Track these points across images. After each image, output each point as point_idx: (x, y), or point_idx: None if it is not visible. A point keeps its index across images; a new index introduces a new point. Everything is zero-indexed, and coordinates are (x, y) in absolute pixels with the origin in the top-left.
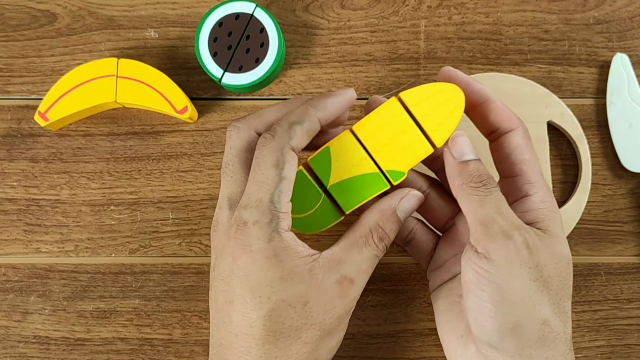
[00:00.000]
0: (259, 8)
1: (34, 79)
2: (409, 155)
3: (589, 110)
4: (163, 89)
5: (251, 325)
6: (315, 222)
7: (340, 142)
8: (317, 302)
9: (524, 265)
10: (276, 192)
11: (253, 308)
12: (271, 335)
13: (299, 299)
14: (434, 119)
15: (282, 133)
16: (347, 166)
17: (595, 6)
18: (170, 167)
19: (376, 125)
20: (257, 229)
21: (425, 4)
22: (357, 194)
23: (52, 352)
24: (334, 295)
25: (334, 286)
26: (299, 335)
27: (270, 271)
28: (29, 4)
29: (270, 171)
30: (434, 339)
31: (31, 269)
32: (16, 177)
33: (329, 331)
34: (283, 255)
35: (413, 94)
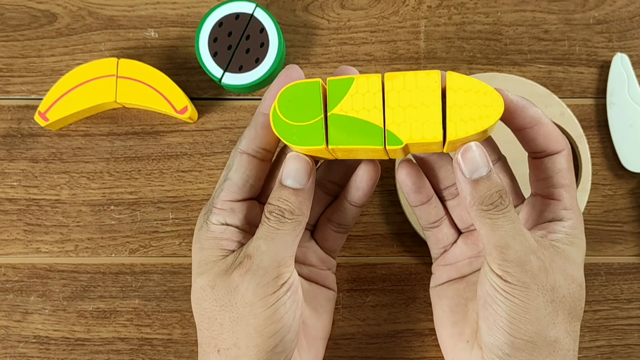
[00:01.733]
0: (259, 8)
1: (34, 79)
2: (417, 130)
3: (589, 110)
4: (163, 89)
5: (196, 303)
6: (299, 135)
7: (366, 81)
8: (222, 284)
9: (541, 289)
10: (218, 189)
11: (195, 289)
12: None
13: (208, 282)
14: (461, 112)
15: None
16: (358, 106)
17: (595, 6)
18: (170, 167)
19: (406, 85)
20: (198, 219)
21: (425, 4)
22: (350, 134)
23: (52, 352)
24: (236, 275)
25: (237, 267)
26: (214, 317)
27: (195, 255)
28: (29, 4)
29: (223, 173)
30: (433, 339)
31: (31, 269)
32: (16, 177)
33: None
34: (205, 243)
35: (459, 79)
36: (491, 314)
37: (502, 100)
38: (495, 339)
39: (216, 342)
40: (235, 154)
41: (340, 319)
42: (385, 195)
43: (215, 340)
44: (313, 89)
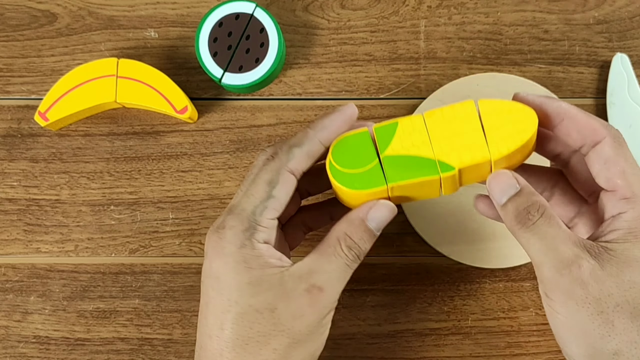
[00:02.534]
0: (259, 8)
1: (34, 79)
2: (464, 155)
3: (589, 110)
4: (163, 89)
5: (222, 328)
6: (359, 182)
7: (410, 122)
8: (285, 309)
9: (580, 302)
10: (261, 205)
11: (222, 310)
12: (240, 339)
13: (266, 305)
14: (499, 133)
15: (281, 155)
16: (407, 144)
17: (595, 6)
18: (170, 167)
19: (446, 118)
20: (231, 234)
21: (425, 4)
22: (406, 171)
23: (52, 352)
24: (303, 303)
25: (303, 294)
26: (267, 341)
27: (238, 275)
28: (29, 4)
29: (261, 187)
30: (433, 339)
31: (31, 269)
32: (16, 177)
33: (299, 339)
34: (253, 262)
35: (490, 104)
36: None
37: (535, 113)
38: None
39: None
40: (281, 171)
41: (341, 319)
42: None
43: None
44: (363, 138)
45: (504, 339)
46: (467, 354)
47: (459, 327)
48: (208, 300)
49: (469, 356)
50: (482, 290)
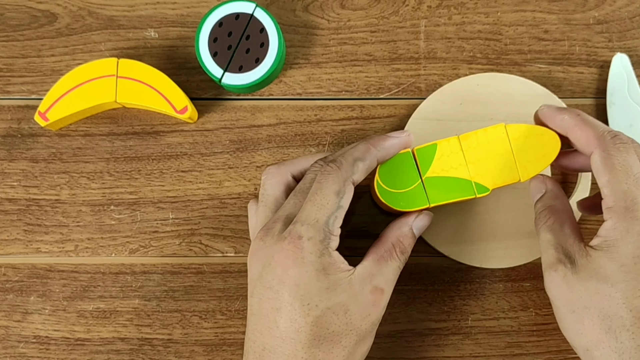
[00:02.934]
0: (259, 8)
1: (34, 79)
2: (497, 177)
3: (589, 110)
4: (163, 89)
5: (299, 331)
6: (405, 201)
7: (448, 144)
8: (355, 310)
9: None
10: (332, 216)
11: (301, 315)
12: (316, 339)
13: (341, 307)
14: (526, 156)
15: (347, 166)
16: (446, 166)
17: (595, 6)
18: (170, 167)
19: (480, 141)
20: (310, 244)
21: (425, 4)
22: (446, 192)
23: (52, 352)
24: (369, 303)
25: (368, 295)
26: (339, 340)
27: (318, 282)
28: (29, 4)
29: (331, 197)
30: (433, 339)
31: (31, 269)
32: (16, 177)
33: (364, 336)
34: (329, 269)
35: (517, 128)
36: None
37: (557, 136)
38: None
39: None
40: (347, 182)
41: None
42: None
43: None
44: (407, 159)
45: (504, 339)
46: (467, 354)
47: (459, 327)
48: (280, 305)
49: (469, 356)
50: (482, 290)
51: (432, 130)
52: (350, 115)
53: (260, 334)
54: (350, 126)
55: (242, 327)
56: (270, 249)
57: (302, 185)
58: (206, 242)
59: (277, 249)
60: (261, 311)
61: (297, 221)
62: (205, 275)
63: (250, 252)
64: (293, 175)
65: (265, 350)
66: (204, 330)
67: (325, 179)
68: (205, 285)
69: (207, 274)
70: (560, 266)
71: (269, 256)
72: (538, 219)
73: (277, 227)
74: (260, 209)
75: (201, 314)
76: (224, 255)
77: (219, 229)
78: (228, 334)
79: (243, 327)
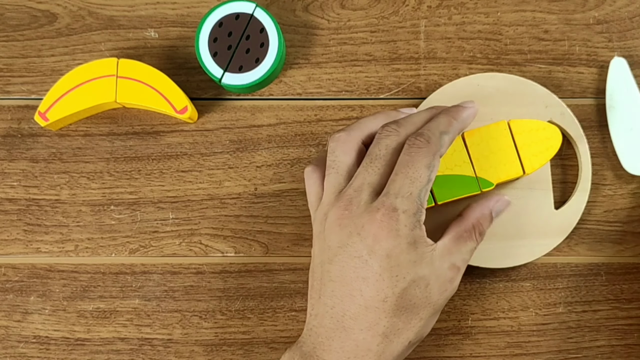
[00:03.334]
0: (259, 8)
1: (34, 79)
2: (501, 171)
3: (589, 111)
4: (163, 89)
5: (384, 301)
6: None
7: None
8: (435, 284)
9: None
10: (423, 189)
11: (389, 285)
12: (398, 310)
13: (423, 281)
14: (530, 150)
15: (435, 140)
16: (450, 164)
17: (595, 6)
18: (170, 167)
19: (483, 137)
20: (405, 217)
21: (425, 4)
22: (452, 189)
23: (52, 352)
24: (446, 279)
25: (447, 272)
26: (418, 312)
27: (409, 255)
28: (29, 4)
29: (423, 171)
30: (433, 339)
31: (31, 269)
32: (16, 177)
33: (438, 310)
34: (419, 242)
35: (520, 124)
36: None
37: (559, 130)
38: None
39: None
40: (436, 155)
41: None
42: None
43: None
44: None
45: (504, 339)
46: (467, 354)
47: (459, 327)
48: (368, 274)
49: (469, 356)
50: (482, 290)
51: None
52: (350, 115)
53: (341, 300)
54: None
55: (242, 327)
56: (359, 219)
57: (377, 152)
58: (206, 242)
59: (368, 219)
60: (344, 278)
61: (389, 193)
62: (205, 275)
63: (330, 220)
64: (363, 140)
65: (345, 317)
66: (204, 330)
67: (417, 152)
68: (205, 285)
69: (207, 274)
70: None
71: (358, 225)
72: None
73: (364, 196)
74: (331, 175)
75: (201, 314)
76: (224, 255)
77: (219, 229)
78: (228, 334)
79: (243, 327)
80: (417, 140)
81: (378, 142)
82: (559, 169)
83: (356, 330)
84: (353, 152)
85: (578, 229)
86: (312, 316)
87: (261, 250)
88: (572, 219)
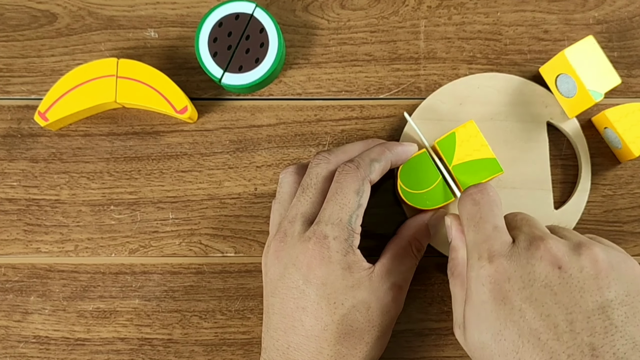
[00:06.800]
0: (259, 8)
1: (34, 79)
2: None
3: (588, 110)
4: (163, 89)
5: (325, 329)
6: (430, 199)
7: (465, 130)
8: (376, 306)
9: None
10: (354, 215)
11: (327, 313)
12: (341, 337)
13: (364, 304)
14: (633, 133)
15: (364, 166)
16: (469, 150)
17: (595, 6)
18: (170, 167)
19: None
20: (336, 243)
21: (425, 4)
22: (475, 175)
23: (52, 352)
24: (389, 300)
25: (388, 292)
26: (362, 336)
27: (344, 280)
28: (29, 4)
29: (351, 196)
30: (433, 339)
31: (31, 269)
32: (16, 177)
33: (385, 331)
34: (354, 267)
35: (615, 111)
36: None
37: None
38: None
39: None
40: (365, 181)
41: None
42: (386, 195)
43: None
44: (424, 159)
45: None
46: (467, 354)
47: None
48: (306, 304)
49: (468, 356)
50: None
51: (432, 130)
52: (350, 115)
53: (284, 333)
54: (350, 126)
55: (242, 327)
56: (293, 249)
57: (308, 181)
58: (206, 242)
59: (301, 249)
60: (285, 310)
61: (320, 221)
62: (205, 275)
63: (269, 254)
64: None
65: (290, 349)
66: (204, 330)
67: (344, 178)
68: (205, 285)
69: (207, 274)
70: (457, 329)
71: (293, 257)
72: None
73: (297, 227)
74: (274, 207)
75: (201, 314)
76: (223, 255)
77: (219, 229)
78: (228, 334)
79: (243, 327)
80: (347, 167)
81: (309, 171)
82: (559, 169)
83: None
84: (296, 184)
85: (578, 229)
86: (263, 350)
87: (261, 250)
88: (572, 219)
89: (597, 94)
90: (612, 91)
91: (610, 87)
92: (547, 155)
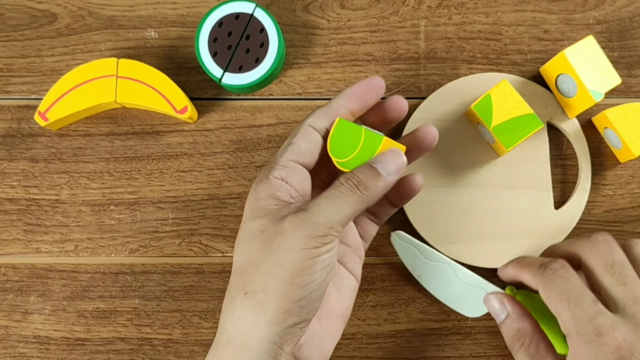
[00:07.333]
0: (259, 8)
1: (34, 79)
2: None
3: (588, 110)
4: (163, 89)
5: (235, 253)
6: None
7: (499, 90)
8: (272, 229)
9: None
10: (281, 152)
11: (237, 238)
12: (241, 263)
13: (258, 226)
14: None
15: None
16: (506, 109)
17: (595, 6)
18: (170, 167)
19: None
20: (258, 176)
21: (425, 4)
22: (516, 132)
23: (52, 352)
24: (286, 224)
25: (290, 217)
26: (257, 265)
27: (250, 205)
28: (29, 4)
29: (286, 141)
30: (433, 339)
31: (31, 269)
32: (16, 177)
33: (284, 264)
34: (262, 193)
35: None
36: None
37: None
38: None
39: (245, 285)
40: (300, 126)
41: None
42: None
43: (245, 283)
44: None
45: (504, 339)
46: (467, 354)
47: (459, 327)
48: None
49: (469, 356)
50: None
51: None
52: None
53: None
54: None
55: None
56: None
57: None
58: (206, 242)
59: None
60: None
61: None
62: (205, 275)
63: None
64: None
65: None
66: (204, 330)
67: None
68: (205, 285)
69: (207, 273)
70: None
71: None
72: (512, 344)
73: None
74: None
75: (201, 314)
76: (223, 255)
77: (219, 229)
78: None
79: None
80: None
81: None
82: (559, 169)
83: None
84: None
85: (578, 229)
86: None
87: None
88: (572, 219)
89: (597, 94)
90: (612, 91)
91: (610, 87)
92: (547, 155)
